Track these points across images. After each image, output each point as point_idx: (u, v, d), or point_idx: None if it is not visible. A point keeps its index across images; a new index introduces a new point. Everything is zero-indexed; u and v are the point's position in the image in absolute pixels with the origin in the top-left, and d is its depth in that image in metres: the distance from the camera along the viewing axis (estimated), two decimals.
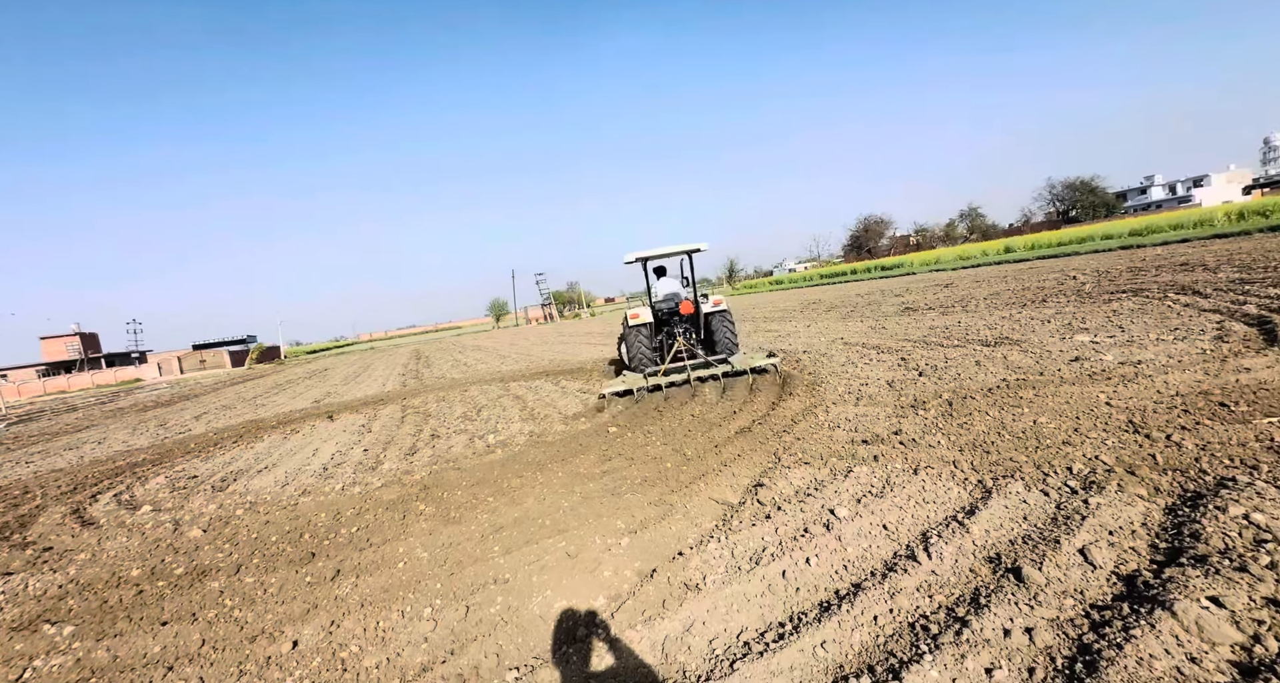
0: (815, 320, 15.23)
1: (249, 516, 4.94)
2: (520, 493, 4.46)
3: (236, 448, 8.50)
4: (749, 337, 13.45)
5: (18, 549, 4.87)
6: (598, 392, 8.64)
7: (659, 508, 3.72)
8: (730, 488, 3.91)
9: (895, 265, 47.07)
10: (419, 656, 2.52)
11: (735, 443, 4.93)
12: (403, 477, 5.47)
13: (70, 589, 3.83)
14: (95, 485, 7.14)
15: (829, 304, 20.78)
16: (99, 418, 18.16)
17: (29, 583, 4.03)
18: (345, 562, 3.65)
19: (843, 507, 3.27)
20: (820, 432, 4.84)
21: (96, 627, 3.23)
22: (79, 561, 4.39)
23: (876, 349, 8.62)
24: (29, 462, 10.25)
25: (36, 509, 6.27)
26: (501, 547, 3.50)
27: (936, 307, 13.36)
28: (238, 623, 3.06)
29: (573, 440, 5.90)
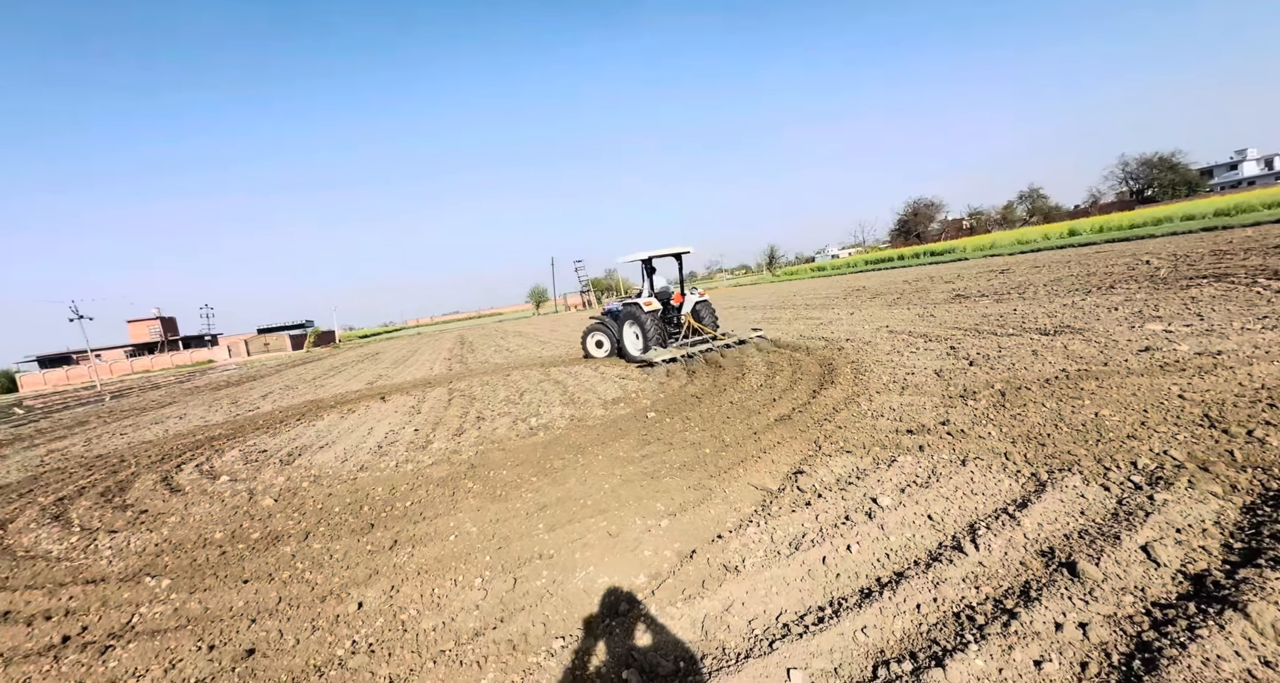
0: (859, 308, 14.78)
1: (314, 488, 5.31)
2: (562, 474, 4.61)
3: (300, 425, 9.10)
4: (789, 324, 13.23)
5: (119, 511, 5.42)
6: (635, 377, 8.79)
7: (698, 492, 3.78)
8: (770, 474, 3.91)
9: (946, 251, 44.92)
10: (471, 621, 2.68)
11: (775, 430, 4.91)
12: (451, 456, 5.74)
13: (164, 547, 4.25)
14: (179, 456, 7.82)
15: (874, 291, 20.09)
16: (179, 395, 19.77)
17: (130, 540, 4.50)
18: (401, 533, 3.89)
19: (886, 496, 3.23)
20: (863, 421, 4.76)
21: (188, 581, 3.59)
22: (170, 523, 4.85)
23: (924, 337, 8.32)
24: (123, 434, 11.31)
25: (132, 476, 6.94)
26: (545, 524, 3.65)
27: (990, 293, 12.71)
28: (309, 584, 3.33)
29: (612, 425, 6.02)
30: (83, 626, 3.17)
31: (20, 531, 5.21)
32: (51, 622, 3.26)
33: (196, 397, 18.23)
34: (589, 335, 12.07)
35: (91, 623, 3.19)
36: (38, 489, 6.96)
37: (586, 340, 12.14)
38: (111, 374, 53.11)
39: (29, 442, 12.35)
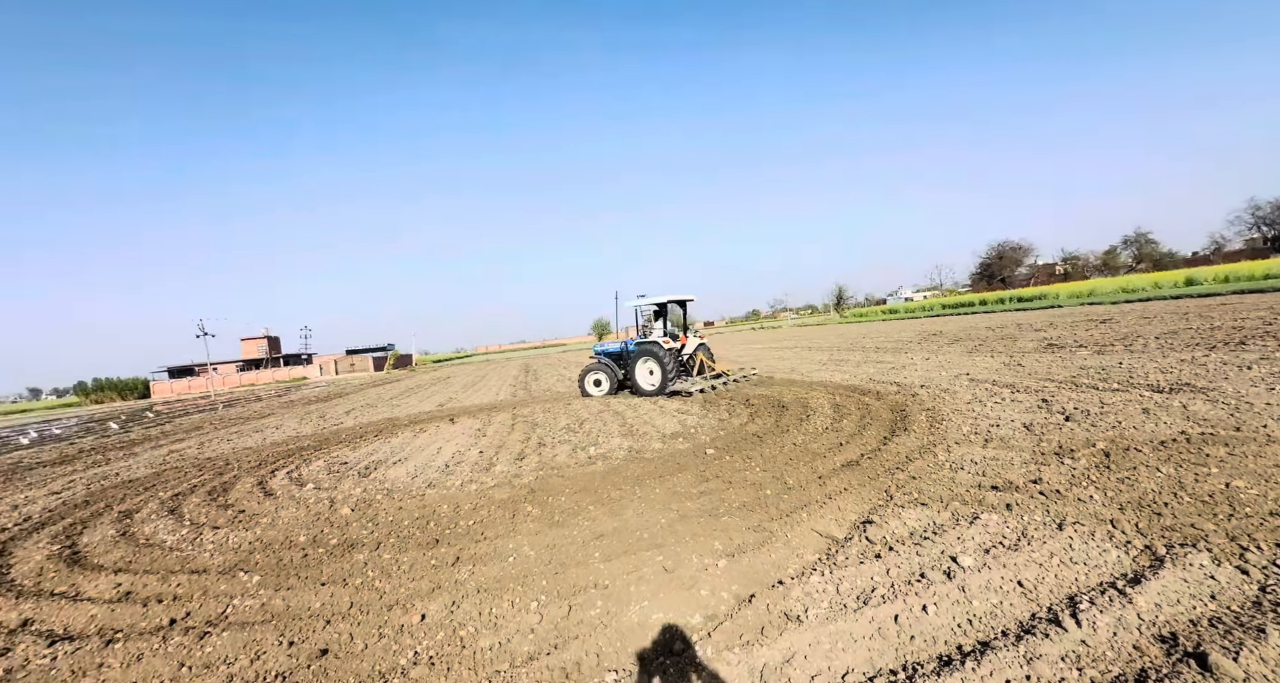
0: (935, 353, 13.94)
1: (387, 501, 5.63)
2: (619, 505, 4.61)
3: (377, 441, 9.73)
4: (857, 367, 12.71)
5: (222, 509, 6.00)
6: (695, 413, 8.73)
7: (758, 534, 3.65)
8: (835, 522, 3.72)
9: (1036, 297, 41.71)
10: (526, 645, 2.71)
11: (841, 476, 4.68)
12: (513, 479, 5.90)
13: (256, 546, 4.64)
14: (274, 464, 8.57)
15: (952, 336, 18.91)
16: (276, 408, 21.77)
17: (229, 537, 4.95)
18: (464, 550, 4.03)
19: (967, 555, 2.97)
20: (940, 472, 4.44)
21: (275, 579, 3.88)
22: (262, 523, 5.29)
23: (1010, 388, 7.70)
24: (229, 440, 12.56)
25: (234, 479, 7.68)
26: (601, 554, 3.65)
27: (1089, 344, 11.62)
28: (378, 592, 3.51)
29: (670, 459, 5.97)
30: (186, 611, 3.49)
31: (143, 520, 5.87)
32: (162, 605, 3.62)
33: (291, 410, 19.99)
34: (586, 375, 12.81)
35: (194, 610, 3.51)
36: (158, 485, 7.85)
37: (584, 380, 12.83)
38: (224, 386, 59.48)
39: (155, 442, 14.00)
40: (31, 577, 4.42)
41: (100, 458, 11.77)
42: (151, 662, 2.89)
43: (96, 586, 4.08)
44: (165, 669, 2.81)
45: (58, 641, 3.23)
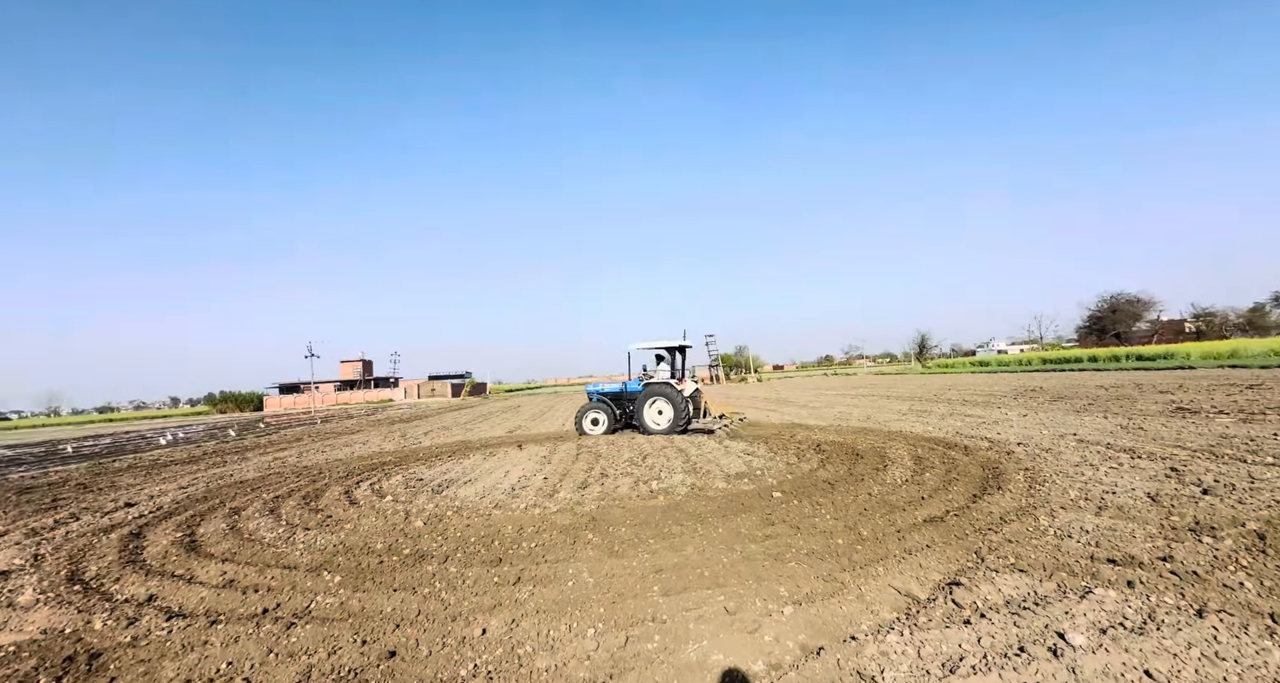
0: (1034, 410, 12.65)
1: (456, 517, 5.86)
2: (680, 540, 4.51)
3: (450, 461, 10.21)
4: (942, 419, 11.80)
5: (313, 513, 6.51)
6: (761, 454, 8.44)
7: (828, 584, 3.42)
8: (916, 580, 3.41)
9: (1161, 356, 36.93)
10: (582, 671, 2.67)
11: (923, 531, 4.31)
12: (575, 506, 5.96)
13: (340, 549, 4.97)
14: (359, 475, 9.22)
15: (1055, 393, 17.11)
16: (365, 425, 23.53)
17: (317, 539, 5.34)
18: (525, 571, 4.09)
19: (1078, 633, 2.61)
20: (1041, 538, 3.96)
21: (353, 581, 4.13)
22: (346, 529, 5.68)
23: (1129, 452, 6.81)
24: (323, 452, 13.70)
25: (324, 486, 8.33)
26: (660, 588, 3.56)
27: (1232, 411, 10.07)
28: (443, 603, 3.63)
29: (734, 499, 5.79)
30: (276, 603, 3.79)
31: (248, 517, 6.50)
32: (257, 595, 3.96)
33: (377, 428, 21.52)
34: (585, 414, 12.98)
35: (283, 602, 3.80)
36: (263, 487, 8.68)
37: (582, 419, 12.96)
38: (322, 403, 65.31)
39: (263, 450, 15.55)
40: (158, 558, 5.00)
41: (219, 460, 13.23)
42: (245, 645, 3.14)
43: (207, 571, 4.53)
44: (256, 653, 3.04)
45: (173, 616, 3.61)
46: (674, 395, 12.04)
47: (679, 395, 12.04)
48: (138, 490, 9.04)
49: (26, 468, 14.46)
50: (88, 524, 6.56)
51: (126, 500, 8.06)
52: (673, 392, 12.08)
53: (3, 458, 18.55)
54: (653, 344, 12.67)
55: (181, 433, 27.13)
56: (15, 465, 15.49)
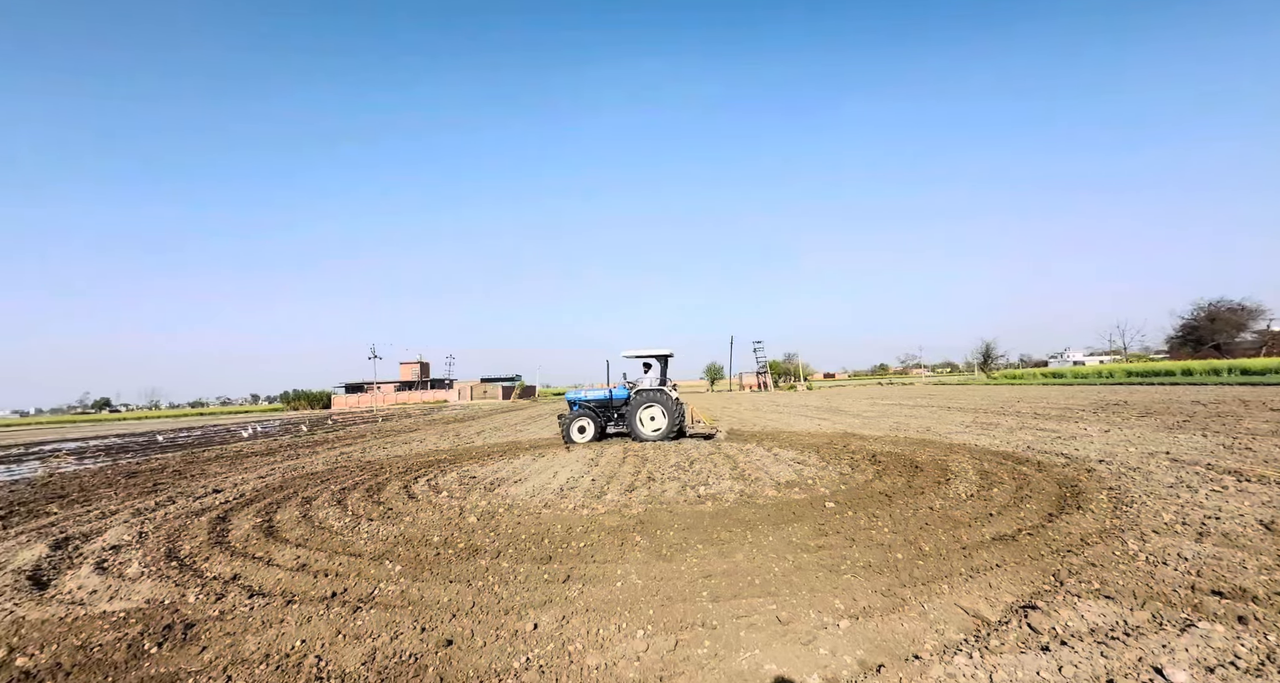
0: (1118, 425, 11.63)
1: (507, 514, 6.02)
2: (729, 547, 4.44)
3: (501, 461, 10.51)
4: (1010, 433, 11.05)
5: (375, 505, 6.87)
6: (812, 463, 8.19)
7: (887, 599, 3.27)
8: (985, 600, 3.20)
9: (1271, 370, 33.08)
10: (632, 672, 2.68)
11: (991, 550, 4.04)
12: (622, 509, 5.98)
13: (400, 540, 5.22)
14: (417, 471, 9.65)
15: (1142, 408, 15.67)
16: (422, 425, 24.63)
17: (380, 530, 5.63)
18: (574, 570, 4.14)
19: (1178, 669, 2.37)
20: (1130, 564, 3.63)
21: (412, 571, 4.32)
22: (405, 522, 5.95)
23: (1234, 474, 6.13)
24: (384, 448, 14.44)
25: (384, 481, 8.77)
26: (710, 593, 3.52)
27: None
28: (496, 596, 3.73)
29: (785, 508, 5.64)
30: (344, 587, 4.02)
31: (318, 507, 6.94)
32: (328, 579, 4.21)
33: (433, 427, 22.47)
34: (573, 423, 12.82)
35: (350, 587, 4.02)
36: (331, 479, 9.24)
37: (570, 428, 12.79)
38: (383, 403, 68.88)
39: (331, 445, 16.56)
40: (241, 541, 5.42)
41: (292, 454, 14.21)
42: (317, 625, 3.35)
43: (283, 555, 4.87)
44: (326, 633, 3.23)
45: (254, 595, 3.90)
46: (669, 402, 12.34)
47: (673, 402, 12.36)
48: (223, 479, 9.85)
49: (132, 455, 16.07)
50: (182, 507, 7.20)
51: (214, 487, 8.79)
52: (667, 399, 12.38)
53: (114, 445, 20.72)
54: (640, 353, 12.95)
55: (260, 427, 29.36)
56: (123, 452, 17.25)
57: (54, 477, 11.43)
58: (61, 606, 3.78)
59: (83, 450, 19.04)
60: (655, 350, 13.06)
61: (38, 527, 6.41)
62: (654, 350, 13.04)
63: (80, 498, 8.41)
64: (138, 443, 21.84)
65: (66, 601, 3.89)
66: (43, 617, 3.58)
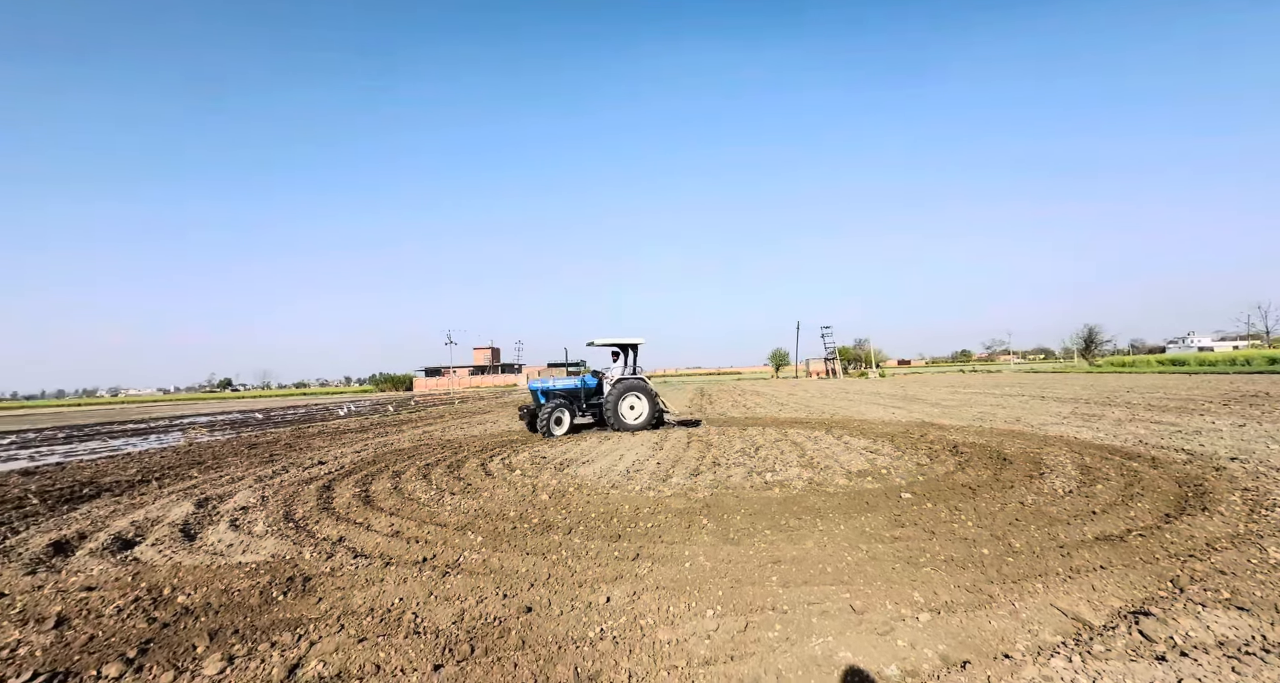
0: (1257, 419, 10.18)
1: (577, 493, 6.26)
2: (799, 534, 4.37)
3: (569, 443, 10.89)
4: (1119, 425, 10.00)
5: (456, 480, 7.37)
6: (885, 453, 7.84)
7: (972, 595, 3.10)
8: (1087, 603, 2.95)
9: None
10: (702, 648, 2.73)
11: (1094, 550, 3.71)
12: (688, 492, 6.04)
13: (479, 513, 5.58)
14: (491, 451, 10.23)
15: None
16: (494, 407, 25.96)
17: (461, 503, 6.05)
18: (643, 549, 4.25)
19: None
20: (1271, 573, 3.21)
21: (492, 542, 4.61)
22: (483, 497, 6.35)
23: None
24: (461, 428, 15.39)
25: (463, 459, 9.37)
26: (779, 579, 3.50)
27: None
28: (570, 569, 3.91)
29: (857, 497, 5.46)
30: (433, 554, 4.37)
31: (407, 480, 7.54)
32: (418, 545, 4.59)
33: (505, 409, 23.62)
34: (550, 415, 12.08)
35: (438, 554, 4.37)
36: (416, 456, 10.00)
37: (549, 420, 12.05)
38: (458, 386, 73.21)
39: (414, 424, 17.87)
40: (344, 508, 6.01)
41: (381, 431, 15.49)
42: (412, 586, 3.67)
43: (379, 522, 5.36)
44: (420, 593, 3.54)
45: (358, 556, 4.33)
46: (649, 390, 12.40)
47: (652, 390, 12.46)
48: (325, 452, 10.94)
49: (251, 429, 18.20)
50: (294, 476, 8.09)
51: (318, 459, 9.79)
52: (647, 386, 12.44)
53: (236, 420, 23.56)
54: (611, 341, 12.77)
55: (354, 407, 32.19)
56: (244, 426, 19.57)
57: (192, 446, 13.19)
58: (207, 555, 4.40)
59: (212, 424, 21.78)
60: (625, 339, 12.96)
61: (183, 488, 7.46)
62: (623, 339, 12.94)
63: (213, 465, 9.67)
64: (255, 419, 24.64)
65: (210, 551, 4.51)
66: (194, 564, 4.19)
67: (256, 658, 2.68)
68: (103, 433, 19.11)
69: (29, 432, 21.14)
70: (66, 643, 2.95)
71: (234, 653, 2.74)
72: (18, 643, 2.96)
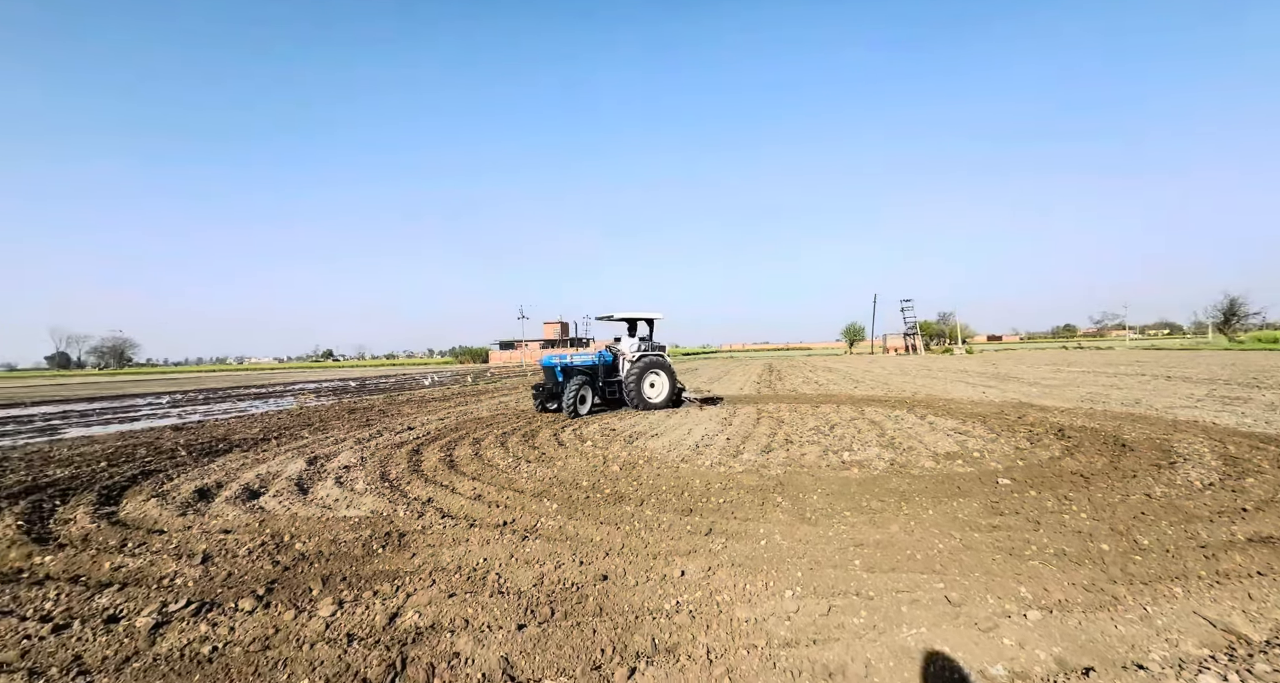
0: None
1: (647, 466, 6.31)
2: (882, 517, 4.14)
3: (637, 416, 11.01)
4: (1268, 411, 8.59)
5: (532, 449, 7.68)
6: (977, 435, 7.24)
7: (1092, 594, 2.78)
8: (1241, 613, 2.55)
9: None
10: (783, 629, 2.65)
11: (1246, 552, 3.20)
12: (760, 469, 5.90)
13: (554, 482, 5.77)
14: (563, 422, 10.54)
15: None
16: None
17: (536, 471, 6.29)
18: (716, 524, 4.20)
19: None
20: None
21: (566, 509, 4.75)
22: (557, 466, 6.56)
23: None
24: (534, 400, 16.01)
25: (536, 429, 9.73)
26: (863, 563, 3.32)
27: None
28: (643, 541, 3.94)
29: (946, 481, 5.08)
30: (512, 518, 4.57)
31: (486, 447, 7.95)
32: (499, 509, 4.82)
33: None
34: (578, 392, 11.06)
35: (516, 518, 4.56)
36: (494, 424, 10.52)
37: (575, 400, 10.93)
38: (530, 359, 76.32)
39: (491, 394, 18.83)
40: (431, 471, 6.45)
41: (462, 401, 16.46)
42: (494, 547, 3.86)
43: (463, 486, 5.69)
44: (502, 554, 3.72)
45: (445, 516, 4.62)
46: (669, 367, 12.03)
47: (671, 368, 12.11)
48: (413, 418, 11.79)
49: (350, 395, 20.03)
50: (387, 440, 8.79)
51: (408, 425, 10.57)
52: (668, 363, 12.04)
53: (337, 387, 26.04)
54: (628, 315, 12.11)
55: (437, 377, 34.51)
56: (344, 393, 21.57)
57: (302, 410, 14.72)
58: (317, 508, 4.88)
59: (318, 390, 24.20)
60: (644, 313, 12.18)
61: (297, 446, 8.33)
62: (642, 313, 12.16)
63: (320, 427, 10.73)
64: (352, 387, 27.08)
65: (320, 504, 5.01)
66: (307, 515, 4.66)
67: (362, 605, 2.93)
68: (232, 396, 21.80)
69: (177, 393, 24.54)
70: (211, 577, 3.38)
71: (343, 598, 3.02)
72: (175, 574, 3.43)
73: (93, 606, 2.99)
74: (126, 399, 21.96)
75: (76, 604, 3.01)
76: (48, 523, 4.62)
